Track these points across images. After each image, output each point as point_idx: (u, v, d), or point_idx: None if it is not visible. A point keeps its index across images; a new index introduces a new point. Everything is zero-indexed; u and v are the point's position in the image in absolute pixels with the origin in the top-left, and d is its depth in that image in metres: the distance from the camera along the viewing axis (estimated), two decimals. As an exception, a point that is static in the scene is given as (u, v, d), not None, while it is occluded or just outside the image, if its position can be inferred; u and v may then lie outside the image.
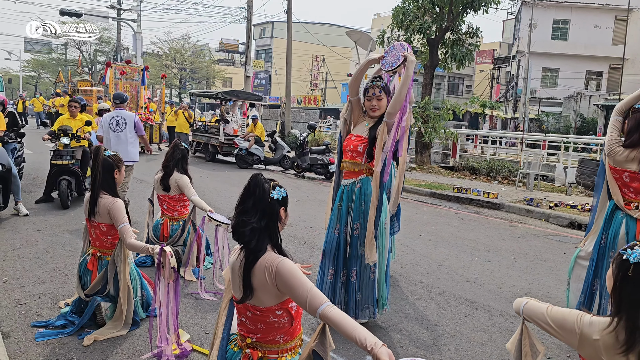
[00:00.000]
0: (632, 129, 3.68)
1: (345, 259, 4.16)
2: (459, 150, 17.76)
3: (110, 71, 16.89)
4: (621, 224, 3.72)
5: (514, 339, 2.43)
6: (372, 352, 1.84)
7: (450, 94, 47.03)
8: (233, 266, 2.31)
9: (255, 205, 2.24)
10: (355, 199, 4.10)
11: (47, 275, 5.04)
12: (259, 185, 2.25)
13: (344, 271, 4.17)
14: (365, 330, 1.93)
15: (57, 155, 8.17)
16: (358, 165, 4.10)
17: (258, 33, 58.34)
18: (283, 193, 2.29)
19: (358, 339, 1.90)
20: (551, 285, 5.63)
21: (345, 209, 4.16)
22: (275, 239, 2.26)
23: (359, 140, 4.08)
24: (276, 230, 2.27)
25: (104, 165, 3.86)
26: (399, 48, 4.00)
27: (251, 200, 2.24)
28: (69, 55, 49.93)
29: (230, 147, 15.70)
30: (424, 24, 15.64)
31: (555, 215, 9.42)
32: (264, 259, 2.19)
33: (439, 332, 4.25)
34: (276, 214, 2.26)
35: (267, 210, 2.23)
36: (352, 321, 1.99)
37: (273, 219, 2.25)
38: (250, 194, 2.25)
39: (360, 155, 4.06)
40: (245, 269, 2.22)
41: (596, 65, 36.89)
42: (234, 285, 2.31)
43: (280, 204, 2.27)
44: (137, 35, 26.84)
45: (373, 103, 4.04)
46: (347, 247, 4.16)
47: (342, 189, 4.21)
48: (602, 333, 1.96)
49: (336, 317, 2.00)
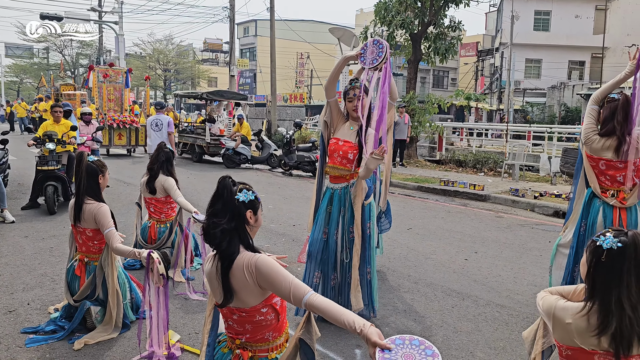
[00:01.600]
0: (608, 117, 3.77)
1: (337, 262, 4.17)
2: (445, 143, 17.90)
3: (93, 74, 16.74)
4: (599, 212, 3.82)
5: (530, 329, 2.52)
6: (361, 333, 1.88)
7: (436, 88, 47.25)
8: (209, 273, 2.30)
9: (224, 207, 2.25)
10: (350, 203, 4.12)
11: (36, 281, 5.04)
12: (227, 187, 2.26)
13: (335, 274, 4.19)
14: (352, 314, 1.97)
15: (42, 161, 8.12)
16: (348, 171, 4.13)
17: (242, 32, 58.16)
18: (250, 196, 2.28)
19: (347, 322, 1.94)
20: (536, 273, 5.73)
21: (337, 213, 4.16)
22: (246, 240, 2.27)
23: (348, 146, 4.09)
24: (245, 232, 2.27)
25: (88, 170, 3.87)
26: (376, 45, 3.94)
27: (220, 202, 2.26)
28: (51, 60, 49.39)
29: (217, 147, 15.69)
30: (406, 18, 15.72)
31: (540, 205, 9.55)
32: (240, 259, 2.20)
33: (426, 323, 4.32)
34: (243, 217, 2.26)
35: (235, 212, 2.25)
36: (338, 306, 2.02)
37: (240, 221, 2.26)
38: (219, 196, 2.26)
39: (350, 162, 4.09)
40: (223, 274, 2.23)
41: (578, 55, 37.30)
42: (214, 291, 2.31)
43: (246, 207, 2.26)
44: (119, 38, 26.66)
45: (355, 104, 4.07)
46: (338, 250, 4.16)
47: (332, 193, 4.21)
48: (574, 317, 2.03)
49: (322, 304, 2.04)
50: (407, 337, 1.89)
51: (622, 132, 3.67)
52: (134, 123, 16.85)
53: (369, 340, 1.85)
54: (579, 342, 2.02)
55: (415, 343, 1.85)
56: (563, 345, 2.10)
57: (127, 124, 16.64)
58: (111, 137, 16.34)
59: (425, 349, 1.82)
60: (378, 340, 1.83)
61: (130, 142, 16.91)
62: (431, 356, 1.78)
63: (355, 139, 4.09)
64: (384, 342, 1.83)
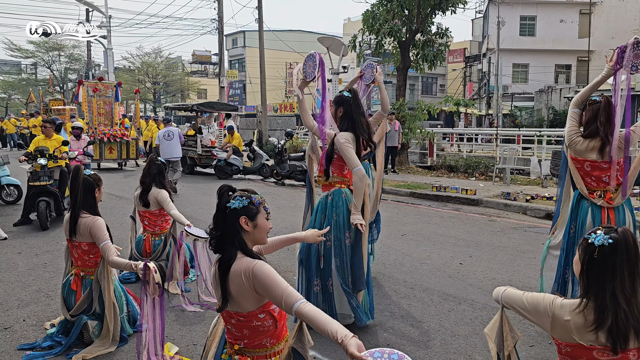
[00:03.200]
0: (590, 119, 3.84)
1: (319, 269, 4.15)
2: (436, 149, 17.99)
3: (83, 89, 16.72)
4: (587, 213, 3.87)
5: (492, 325, 2.52)
6: (342, 343, 1.89)
7: (425, 94, 47.57)
8: (212, 277, 2.38)
9: (218, 215, 2.33)
10: (328, 211, 4.15)
11: (31, 297, 5.01)
12: (222, 196, 2.34)
13: (318, 280, 4.18)
14: (337, 324, 1.98)
15: (34, 176, 8.08)
16: (322, 178, 4.17)
17: (230, 43, 58.24)
18: (244, 202, 2.30)
19: (330, 332, 1.95)
20: (531, 276, 5.77)
21: (319, 222, 4.18)
22: (244, 247, 2.30)
23: (322, 154, 4.19)
24: (240, 239, 2.30)
25: (85, 184, 3.88)
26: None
27: (217, 211, 2.34)
28: (39, 75, 49.21)
29: (209, 159, 15.67)
30: (394, 27, 15.85)
31: (532, 208, 9.62)
32: (239, 264, 2.24)
33: (424, 328, 4.34)
34: (234, 224, 2.29)
35: (227, 220, 2.30)
36: (325, 316, 2.04)
37: (235, 228, 2.29)
38: (218, 205, 2.35)
39: (322, 167, 4.15)
40: (220, 279, 2.28)
41: (564, 58, 37.73)
42: (216, 294, 2.37)
43: (239, 214, 2.29)
44: (107, 52, 26.66)
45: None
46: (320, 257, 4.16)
47: (319, 202, 4.27)
48: (572, 314, 2.07)
49: (310, 312, 2.06)
50: (387, 350, 1.88)
51: (605, 133, 3.74)
52: (125, 137, 16.81)
53: (347, 351, 1.86)
54: (578, 338, 2.06)
55: (394, 357, 1.84)
56: (562, 343, 2.13)
57: (117, 138, 16.60)
58: (102, 151, 16.29)
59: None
60: (355, 352, 1.83)
61: (122, 156, 16.86)
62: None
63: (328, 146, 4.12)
64: (360, 355, 1.82)
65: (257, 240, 2.37)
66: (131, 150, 17.00)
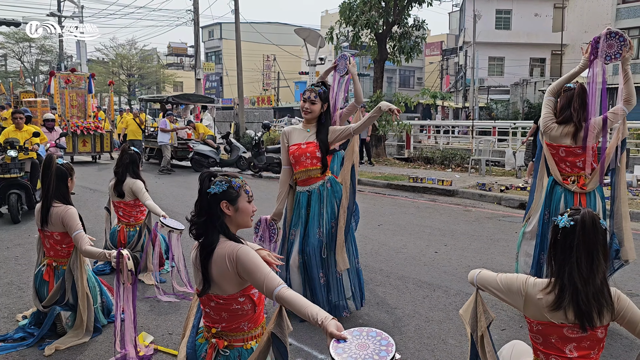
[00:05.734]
0: (564, 106, 3.94)
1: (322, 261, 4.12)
2: (413, 141, 18.13)
3: (55, 80, 16.36)
4: (560, 199, 3.97)
5: (467, 306, 2.58)
6: (322, 325, 1.94)
7: (402, 87, 47.80)
8: (193, 261, 2.39)
9: (199, 201, 2.35)
10: (329, 198, 4.13)
11: (2, 290, 4.92)
12: (202, 182, 2.36)
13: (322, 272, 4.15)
14: (317, 307, 2.03)
15: (4, 168, 7.89)
16: (318, 169, 4.11)
17: (207, 35, 57.67)
18: (223, 186, 2.31)
19: (310, 315, 2.00)
20: (504, 263, 5.88)
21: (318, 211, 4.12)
22: (226, 231, 2.33)
23: (313, 146, 4.07)
24: (222, 223, 2.32)
25: (58, 173, 3.81)
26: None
27: (198, 197, 2.36)
28: (9, 67, 48.02)
29: (185, 152, 15.53)
30: (371, 18, 15.88)
31: (506, 198, 9.78)
32: (222, 248, 2.26)
33: (398, 314, 4.39)
34: (215, 208, 2.30)
35: (208, 205, 2.31)
36: (304, 300, 2.09)
37: (216, 213, 2.31)
38: (199, 191, 2.36)
39: (319, 159, 4.08)
40: (202, 263, 2.30)
41: (539, 52, 38.29)
42: (196, 278, 2.39)
43: (218, 198, 2.30)
44: (80, 43, 26.14)
45: (306, 105, 4.08)
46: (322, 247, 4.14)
47: (309, 194, 4.16)
48: (543, 293, 2.14)
49: (290, 297, 2.09)
50: (365, 329, 1.92)
51: (578, 119, 3.84)
52: (99, 129, 16.53)
53: (326, 332, 1.91)
54: (549, 316, 2.13)
55: (372, 335, 1.88)
56: (534, 321, 2.20)
57: (91, 131, 16.32)
58: (75, 144, 15.99)
59: (381, 339, 1.85)
60: (335, 331, 1.88)
61: (95, 149, 16.57)
62: (385, 346, 1.80)
63: (316, 138, 4.09)
64: (340, 333, 1.87)
65: (240, 224, 2.39)
66: (105, 143, 16.72)
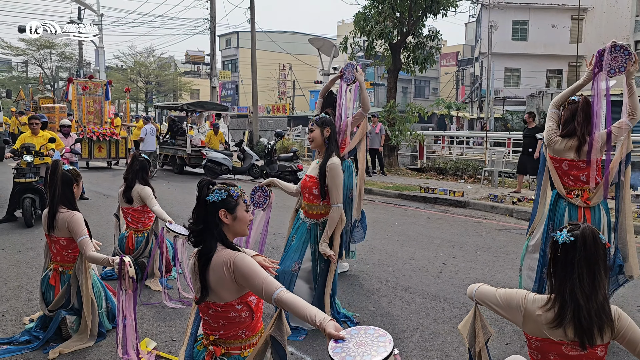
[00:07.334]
0: (568, 119, 3.90)
1: None
2: (427, 151, 18.05)
3: (73, 87, 16.63)
4: (564, 213, 3.92)
5: (465, 321, 2.56)
6: (320, 326, 1.98)
7: (417, 97, 47.79)
8: (191, 269, 2.42)
9: (198, 209, 2.37)
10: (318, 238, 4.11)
11: (11, 293, 4.99)
12: (200, 189, 2.38)
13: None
14: (315, 309, 2.06)
15: (20, 173, 8.03)
16: (316, 207, 4.10)
17: (223, 44, 58.22)
18: (222, 195, 2.32)
19: (309, 316, 2.03)
20: (512, 276, 5.82)
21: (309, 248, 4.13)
22: (224, 239, 2.34)
23: (312, 182, 4.05)
24: (220, 231, 2.33)
25: (64, 179, 3.87)
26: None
27: (196, 205, 2.38)
28: (30, 73, 48.88)
29: (198, 159, 15.66)
30: (385, 28, 15.91)
31: (518, 210, 9.68)
32: (220, 256, 2.28)
33: (402, 326, 4.36)
34: (214, 216, 2.32)
35: (206, 213, 2.33)
36: (303, 302, 2.12)
37: (214, 221, 2.32)
38: (198, 199, 2.38)
39: (317, 197, 4.06)
40: (200, 271, 2.32)
41: (556, 63, 38.02)
42: (194, 286, 2.40)
43: (217, 207, 2.32)
44: (99, 50, 26.55)
45: (308, 136, 4.15)
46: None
47: (309, 226, 4.17)
48: (542, 309, 2.11)
49: (289, 299, 2.12)
50: (363, 327, 1.95)
51: (582, 133, 3.80)
52: (115, 135, 16.74)
53: (325, 332, 1.94)
54: (548, 333, 2.10)
55: (370, 332, 1.91)
56: (533, 337, 2.17)
57: (107, 137, 16.54)
58: (91, 150, 16.23)
59: (379, 336, 1.88)
60: (333, 331, 1.92)
61: (111, 155, 16.79)
62: (383, 342, 1.83)
63: (317, 171, 4.04)
64: (338, 333, 1.91)
65: (237, 232, 2.41)
66: (120, 149, 16.94)
